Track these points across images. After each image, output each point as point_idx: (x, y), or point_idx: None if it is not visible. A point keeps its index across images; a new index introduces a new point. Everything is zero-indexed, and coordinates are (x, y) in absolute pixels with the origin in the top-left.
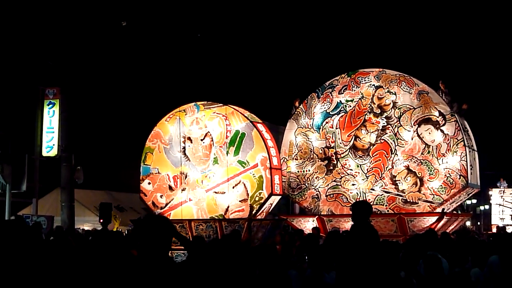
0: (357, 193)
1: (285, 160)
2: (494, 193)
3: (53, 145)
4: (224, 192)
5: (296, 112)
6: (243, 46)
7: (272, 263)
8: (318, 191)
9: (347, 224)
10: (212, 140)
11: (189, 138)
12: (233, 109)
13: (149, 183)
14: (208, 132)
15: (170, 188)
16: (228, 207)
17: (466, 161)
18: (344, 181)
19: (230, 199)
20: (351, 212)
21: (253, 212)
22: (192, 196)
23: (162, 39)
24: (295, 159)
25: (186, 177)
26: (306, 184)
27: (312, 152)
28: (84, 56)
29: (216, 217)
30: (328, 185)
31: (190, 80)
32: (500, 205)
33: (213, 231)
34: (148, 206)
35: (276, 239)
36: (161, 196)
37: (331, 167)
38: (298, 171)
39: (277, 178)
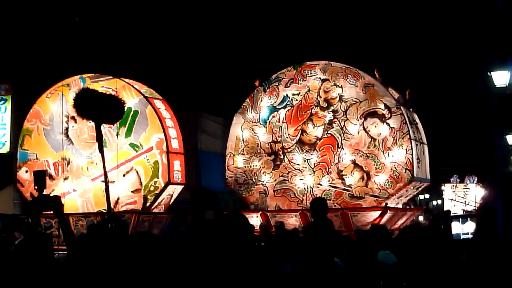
0: (304, 188)
1: (232, 155)
2: (447, 188)
3: (5, 141)
4: (114, 181)
5: (242, 106)
6: (188, 39)
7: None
8: (266, 186)
9: (291, 220)
10: None
11: (73, 118)
12: (125, 83)
13: (26, 171)
14: None
15: (51, 177)
16: (118, 198)
17: (412, 155)
18: (291, 176)
19: (120, 189)
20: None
21: (147, 205)
22: (77, 186)
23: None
24: (242, 154)
25: (68, 163)
26: (254, 180)
27: (259, 147)
28: (36, 52)
29: (104, 211)
30: (275, 180)
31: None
32: (452, 200)
33: None
34: (26, 199)
35: None
36: None
37: (278, 162)
38: (245, 166)
39: (178, 164)
